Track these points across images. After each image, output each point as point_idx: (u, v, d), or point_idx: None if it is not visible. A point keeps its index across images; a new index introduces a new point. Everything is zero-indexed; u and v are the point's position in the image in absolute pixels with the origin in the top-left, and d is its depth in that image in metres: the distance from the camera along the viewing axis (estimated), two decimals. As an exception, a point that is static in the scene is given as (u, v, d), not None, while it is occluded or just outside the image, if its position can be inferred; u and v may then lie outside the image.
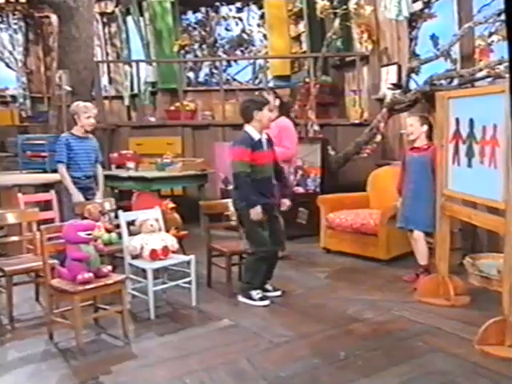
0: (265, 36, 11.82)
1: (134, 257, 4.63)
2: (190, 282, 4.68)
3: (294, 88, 8.95)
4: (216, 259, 5.24)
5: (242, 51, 12.13)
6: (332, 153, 7.15)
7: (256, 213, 4.62)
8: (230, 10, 11.38)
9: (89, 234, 4.00)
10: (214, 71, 11.85)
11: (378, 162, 7.20)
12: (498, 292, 4.87)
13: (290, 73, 9.33)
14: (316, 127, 7.24)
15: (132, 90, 11.10)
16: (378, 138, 6.56)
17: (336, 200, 6.38)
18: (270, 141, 4.87)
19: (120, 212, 4.71)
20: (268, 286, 4.91)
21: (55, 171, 7.96)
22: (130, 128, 8.60)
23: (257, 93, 8.37)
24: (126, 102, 10.70)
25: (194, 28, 11.45)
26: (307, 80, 8.49)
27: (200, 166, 6.93)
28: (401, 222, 5.32)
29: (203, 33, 11.39)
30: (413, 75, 6.78)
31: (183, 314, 4.56)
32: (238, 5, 10.95)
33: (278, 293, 4.91)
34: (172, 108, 9.58)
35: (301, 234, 6.86)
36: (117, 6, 10.78)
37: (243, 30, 11.87)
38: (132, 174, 6.73)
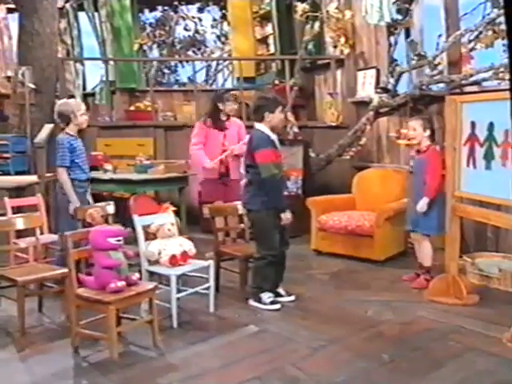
0: (218, 37, 11.77)
1: (150, 263, 4.46)
2: (207, 288, 4.56)
3: (261, 90, 8.92)
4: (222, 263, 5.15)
5: (194, 52, 11.96)
6: (312, 155, 7.18)
7: (287, 217, 4.60)
8: (182, 10, 11.17)
9: (118, 240, 3.81)
10: (166, 71, 11.63)
11: (355, 164, 7.30)
12: (499, 290, 5.10)
13: (255, 75, 9.29)
14: (296, 129, 7.24)
15: (84, 89, 10.71)
16: (363, 140, 6.66)
17: (325, 202, 6.41)
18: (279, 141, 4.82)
19: (135, 216, 4.50)
20: (281, 291, 4.84)
21: (19, 173, 7.58)
22: (98, 128, 8.25)
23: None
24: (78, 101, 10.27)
25: (151, 25, 11.15)
26: (276, 82, 8.52)
27: (182, 168, 6.76)
28: (408, 224, 5.42)
29: (162, 32, 11.12)
30: (391, 79, 6.96)
31: (205, 322, 4.43)
32: (198, 5, 10.77)
33: (292, 298, 4.84)
34: (132, 108, 9.32)
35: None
36: (67, 1, 10.33)
37: (196, 31, 11.70)
38: (114, 176, 6.45)
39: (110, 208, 5.07)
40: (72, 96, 9.78)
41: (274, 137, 4.70)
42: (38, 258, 4.57)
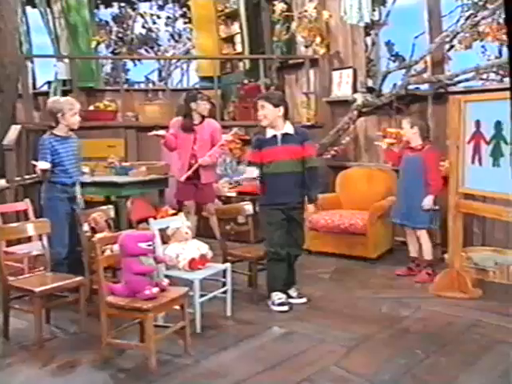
0: (172, 36, 11.57)
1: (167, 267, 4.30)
2: (225, 292, 4.46)
3: (228, 89, 8.84)
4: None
5: (146, 50, 11.67)
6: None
7: None
8: (140, 7, 10.87)
9: (149, 245, 3.65)
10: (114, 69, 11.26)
11: (332, 163, 7.34)
12: (494, 283, 5.26)
13: (221, 74, 9.13)
14: (274, 129, 7.19)
15: (34, 87, 10.21)
16: (347, 139, 6.72)
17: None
18: (292, 136, 4.68)
19: (151, 220, 4.33)
20: (292, 293, 4.81)
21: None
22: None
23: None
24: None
25: (107, 23, 10.76)
26: (245, 81, 8.46)
27: (163, 170, 6.57)
28: (395, 218, 5.56)
29: (120, 30, 10.77)
30: (368, 79, 7.09)
31: (227, 326, 4.34)
32: (159, 1, 10.53)
33: (303, 300, 4.81)
34: (91, 108, 8.97)
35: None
36: (15, -5, 9.80)
37: (149, 29, 11.42)
38: (97, 179, 6.16)
39: (112, 212, 4.86)
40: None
41: (271, 134, 4.67)
42: (46, 267, 4.30)
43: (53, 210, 4.75)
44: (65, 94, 9.11)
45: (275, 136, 4.67)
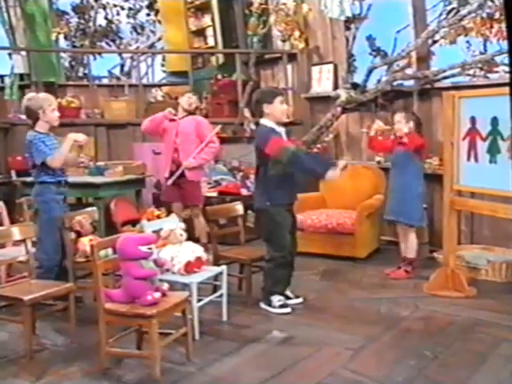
0: (134, 28, 11.25)
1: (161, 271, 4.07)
2: (220, 296, 4.27)
3: (199, 85, 8.58)
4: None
5: (107, 43, 11.26)
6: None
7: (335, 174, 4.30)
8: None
9: (150, 248, 3.43)
10: (73, 64, 10.81)
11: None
12: (487, 281, 5.23)
13: (192, 69, 8.85)
14: (252, 126, 7.02)
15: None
16: (330, 136, 6.60)
17: (299, 201, 6.23)
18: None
19: (144, 221, 4.11)
20: (289, 294, 4.66)
21: None
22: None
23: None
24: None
25: (64, 13, 10.27)
26: (219, 76, 8.23)
27: (140, 170, 6.30)
28: (388, 215, 5.45)
29: (82, 21, 10.33)
30: (349, 75, 7.00)
31: (224, 331, 4.16)
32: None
33: (300, 300, 4.68)
34: (53, 104, 8.56)
35: (250, 238, 6.55)
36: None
37: (110, 21, 11.02)
38: (71, 179, 5.80)
39: (96, 214, 4.60)
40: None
41: (280, 129, 4.50)
42: (31, 274, 4.00)
43: (49, 213, 4.46)
44: (22, 88, 8.67)
45: (279, 132, 4.50)
